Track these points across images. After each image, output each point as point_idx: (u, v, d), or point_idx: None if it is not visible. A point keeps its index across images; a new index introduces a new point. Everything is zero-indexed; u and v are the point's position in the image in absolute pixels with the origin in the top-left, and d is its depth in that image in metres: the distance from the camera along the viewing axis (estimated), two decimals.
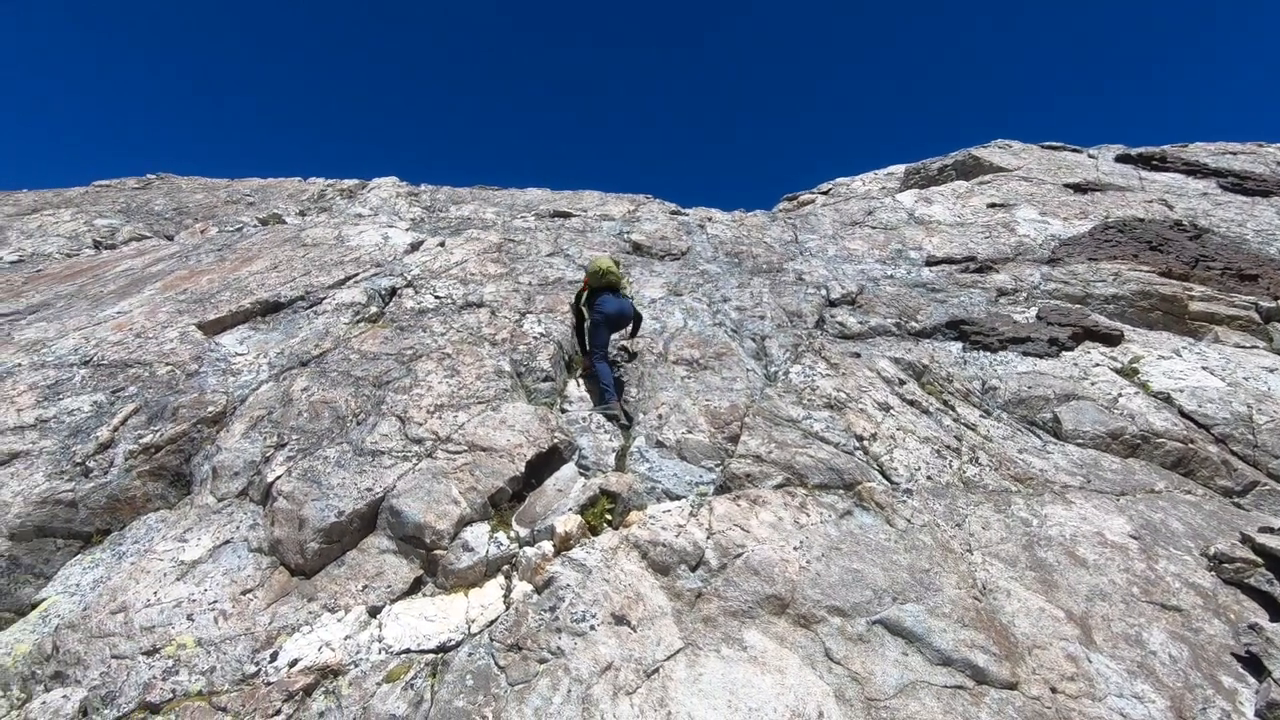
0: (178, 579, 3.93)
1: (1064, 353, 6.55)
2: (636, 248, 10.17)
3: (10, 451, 4.78)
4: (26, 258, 11.03)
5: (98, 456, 4.81)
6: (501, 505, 4.48)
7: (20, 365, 5.86)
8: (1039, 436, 5.40)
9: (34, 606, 4.00)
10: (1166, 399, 5.75)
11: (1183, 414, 5.55)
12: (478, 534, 4.14)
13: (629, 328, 6.50)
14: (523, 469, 4.69)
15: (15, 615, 3.96)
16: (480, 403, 5.39)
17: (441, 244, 9.50)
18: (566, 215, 12.18)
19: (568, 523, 4.11)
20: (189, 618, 3.68)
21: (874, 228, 11.14)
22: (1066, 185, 12.38)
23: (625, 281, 6.45)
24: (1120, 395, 5.74)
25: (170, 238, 12.20)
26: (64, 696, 3.28)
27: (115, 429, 5.04)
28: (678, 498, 4.53)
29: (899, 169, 17.60)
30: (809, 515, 4.13)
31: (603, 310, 6.02)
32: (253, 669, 3.41)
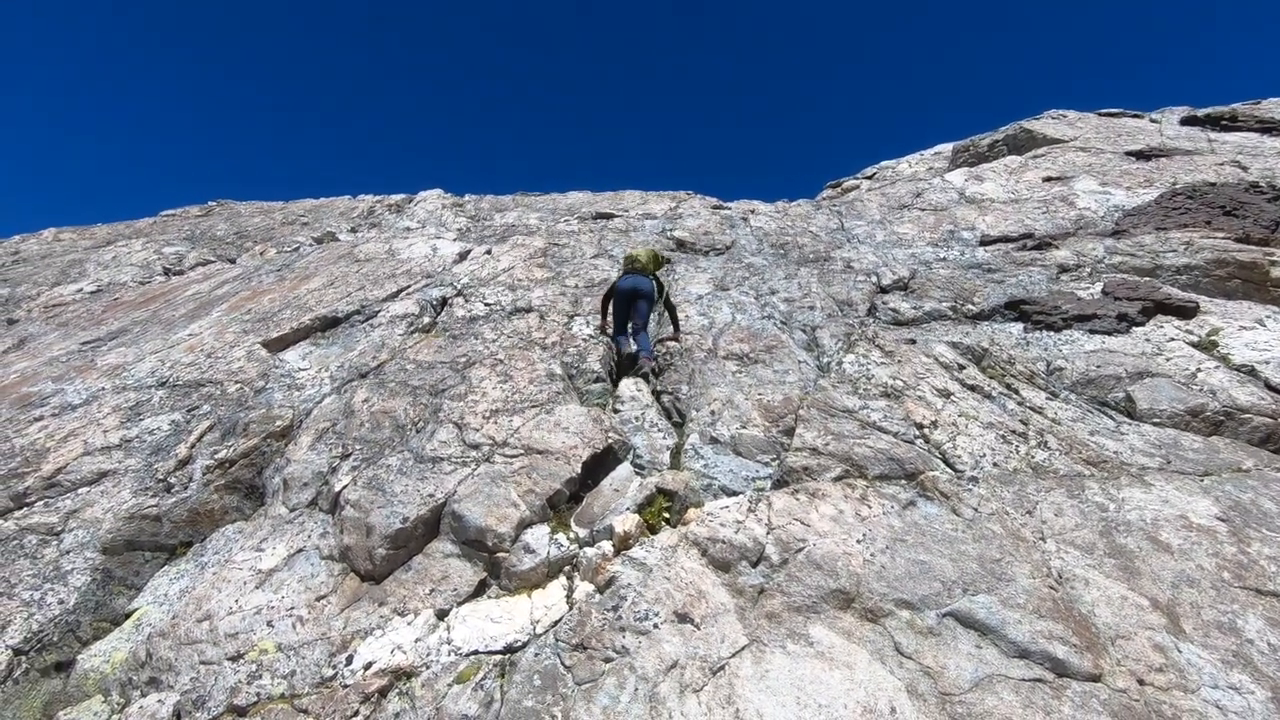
0: (256, 587, 4.10)
1: (1134, 328, 6.23)
2: (680, 244, 10.14)
3: (99, 471, 5.08)
4: (104, 287, 11.70)
5: (177, 472, 5.07)
6: (560, 507, 4.53)
7: (104, 389, 6.22)
8: (1111, 417, 5.15)
9: (127, 616, 4.24)
10: (1251, 372, 5.42)
11: (1269, 387, 5.22)
12: (538, 536, 4.19)
13: (666, 317, 7.00)
14: (579, 470, 4.73)
15: (111, 625, 4.20)
16: (534, 406, 5.46)
17: (488, 252, 9.67)
18: (609, 216, 12.23)
19: (626, 522, 4.12)
20: (269, 624, 3.84)
21: (923, 210, 10.83)
22: (1128, 153, 11.80)
23: (651, 267, 7.01)
24: (1199, 370, 5.44)
25: (233, 261, 12.75)
26: (159, 701, 3.47)
27: (192, 446, 5.30)
28: (735, 494, 4.49)
29: (946, 148, 17.09)
30: (870, 507, 4.04)
31: (617, 286, 6.75)
32: (330, 672, 3.53)
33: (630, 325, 6.57)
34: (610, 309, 6.90)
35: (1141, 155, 11.64)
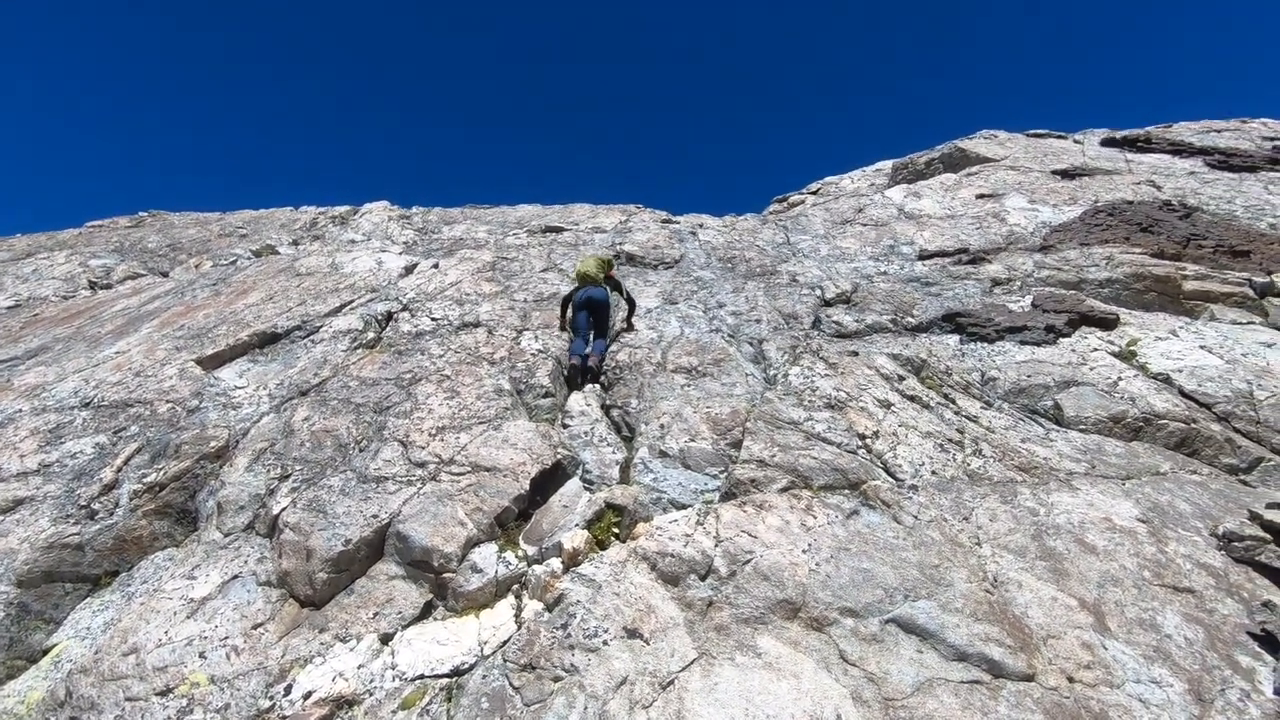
0: (188, 617, 3.92)
1: (1061, 339, 6.56)
2: (630, 258, 10.20)
3: (14, 498, 4.78)
4: (23, 302, 11.06)
5: (102, 498, 4.81)
6: (508, 524, 4.48)
7: (21, 411, 5.88)
8: (1041, 425, 5.40)
9: (45, 653, 3.99)
10: (1166, 380, 5.75)
11: (1183, 394, 5.55)
12: (486, 555, 4.13)
13: (625, 312, 7.56)
14: (527, 487, 4.69)
15: (27, 662, 3.95)
16: (481, 423, 5.40)
17: (435, 266, 9.54)
18: (559, 230, 12.23)
19: (575, 538, 4.10)
20: (201, 655, 3.67)
21: (865, 225, 11.17)
22: (1054, 172, 12.43)
23: (601, 276, 7.45)
24: (1120, 379, 5.75)
25: (165, 274, 12.24)
26: None
27: (119, 469, 5.04)
28: (684, 507, 4.52)
29: (887, 165, 17.67)
30: (816, 517, 4.13)
31: (573, 300, 7.15)
32: (267, 703, 3.39)
33: (591, 333, 6.97)
34: (569, 316, 7.29)
35: (1066, 174, 12.28)
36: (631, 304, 7.54)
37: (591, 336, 6.91)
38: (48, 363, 7.15)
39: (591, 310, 7.01)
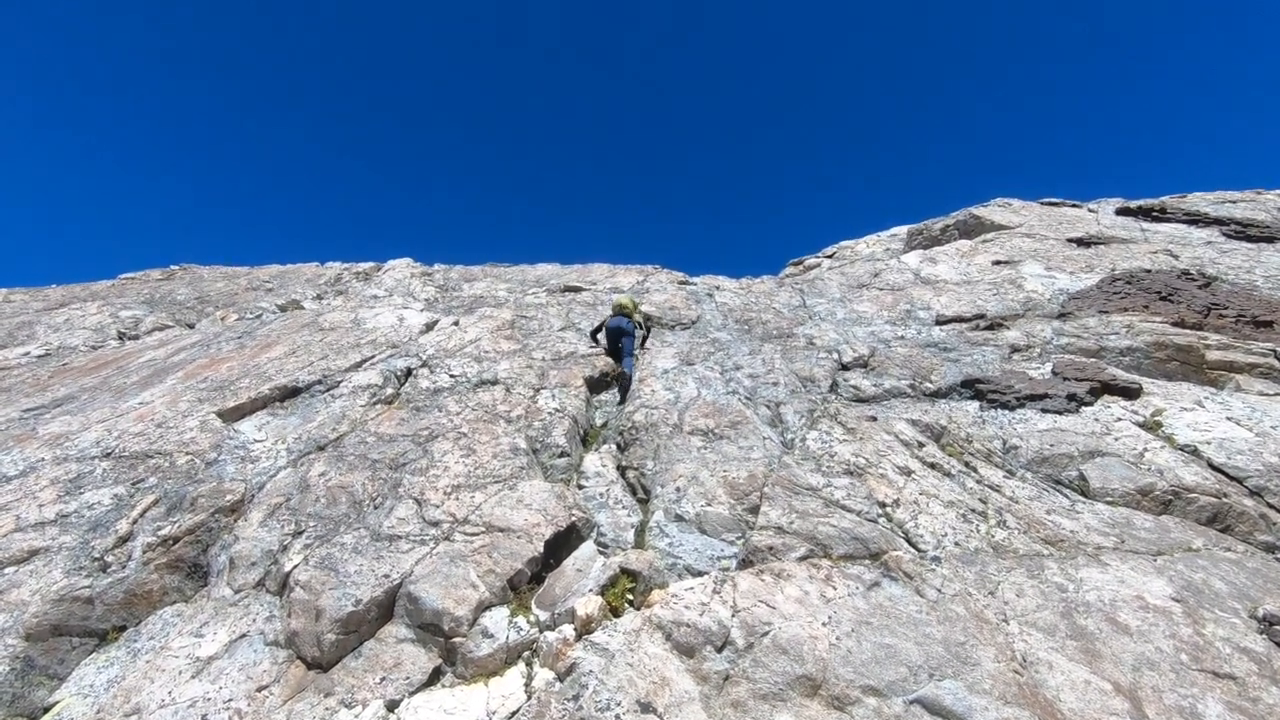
0: (193, 676, 3.85)
1: (1084, 408, 6.46)
2: (646, 319, 10.29)
3: (30, 549, 4.79)
4: (53, 351, 11.32)
5: (116, 550, 4.80)
6: (520, 587, 4.40)
7: (43, 460, 5.94)
8: (1066, 496, 5.27)
9: (47, 710, 3.92)
10: (1194, 452, 5.62)
11: (1212, 466, 5.42)
12: (497, 619, 4.05)
13: (643, 334, 9.02)
14: (541, 549, 4.62)
15: None
16: (497, 482, 5.37)
17: (455, 323, 9.68)
18: (577, 289, 12.41)
19: (588, 604, 4.01)
20: (203, 718, 3.59)
21: (881, 289, 11.24)
22: (1069, 240, 12.51)
23: (631, 308, 8.88)
24: (1146, 450, 5.63)
25: (192, 326, 12.52)
26: None
27: (134, 521, 5.05)
28: (700, 573, 4.42)
29: (902, 230, 17.90)
30: (835, 588, 4.02)
31: (607, 325, 8.65)
32: None
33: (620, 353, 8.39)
34: (602, 339, 8.85)
35: (1082, 242, 12.35)
36: (647, 331, 9.19)
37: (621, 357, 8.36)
38: (73, 412, 7.26)
39: (621, 335, 8.47)
